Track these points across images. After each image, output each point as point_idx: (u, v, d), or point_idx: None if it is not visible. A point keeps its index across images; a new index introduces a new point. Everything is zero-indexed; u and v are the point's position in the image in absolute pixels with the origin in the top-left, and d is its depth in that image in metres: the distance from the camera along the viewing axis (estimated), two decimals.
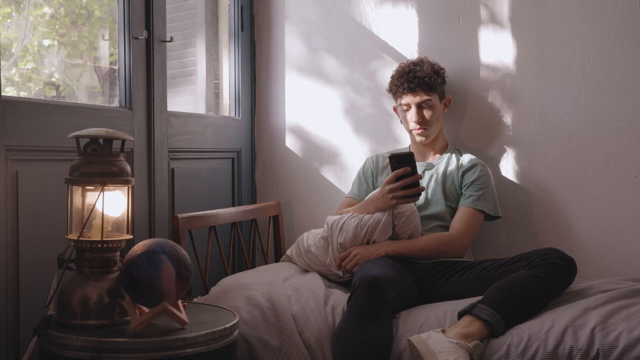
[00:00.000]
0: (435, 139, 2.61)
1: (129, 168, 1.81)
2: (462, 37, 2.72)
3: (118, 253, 1.80)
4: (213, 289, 2.25)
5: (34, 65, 2.53)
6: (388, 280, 2.06)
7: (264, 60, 3.09)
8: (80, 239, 1.74)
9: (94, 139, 1.78)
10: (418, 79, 2.51)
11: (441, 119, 2.61)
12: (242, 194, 2.99)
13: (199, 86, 3.14)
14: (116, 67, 2.42)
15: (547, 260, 2.06)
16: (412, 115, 2.54)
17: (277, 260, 2.85)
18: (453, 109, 2.71)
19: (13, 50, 2.34)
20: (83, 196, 1.79)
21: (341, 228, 2.38)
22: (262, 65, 3.09)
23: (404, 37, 2.81)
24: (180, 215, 2.32)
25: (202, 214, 2.45)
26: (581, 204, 2.56)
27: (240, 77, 3.02)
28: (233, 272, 2.71)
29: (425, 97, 2.52)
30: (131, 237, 1.84)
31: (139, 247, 1.71)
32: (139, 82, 2.38)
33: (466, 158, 2.58)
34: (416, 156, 2.48)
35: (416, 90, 2.51)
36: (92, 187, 1.77)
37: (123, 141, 1.83)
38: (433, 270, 2.30)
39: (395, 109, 2.69)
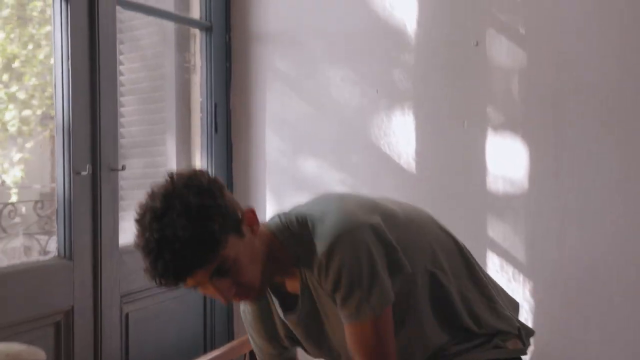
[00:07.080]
0: (270, 273, 1.40)
1: None
2: (467, 143, 2.40)
3: None
4: None
5: None
6: None
7: (242, 164, 2.80)
8: None
9: None
10: (170, 277, 1.26)
11: (257, 255, 1.36)
12: (216, 323, 2.63)
13: None
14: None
15: None
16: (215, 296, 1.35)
17: None
18: None
19: None
20: None
21: None
22: (241, 170, 2.81)
23: (403, 140, 2.50)
24: None
25: None
26: (606, 342, 2.22)
27: None
28: None
29: (208, 276, 1.29)
30: None
31: None
32: (82, 224, 2.03)
33: (319, 252, 1.33)
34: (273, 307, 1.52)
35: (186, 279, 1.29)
36: None
37: None
38: None
39: None
